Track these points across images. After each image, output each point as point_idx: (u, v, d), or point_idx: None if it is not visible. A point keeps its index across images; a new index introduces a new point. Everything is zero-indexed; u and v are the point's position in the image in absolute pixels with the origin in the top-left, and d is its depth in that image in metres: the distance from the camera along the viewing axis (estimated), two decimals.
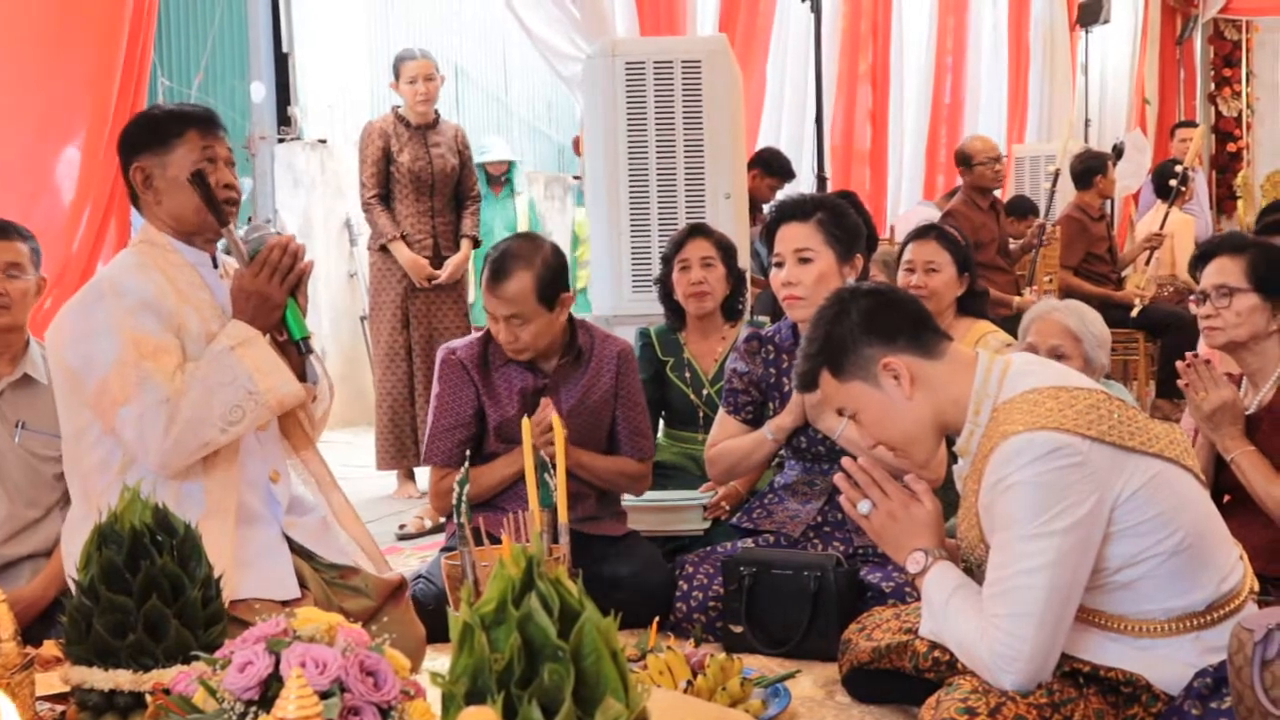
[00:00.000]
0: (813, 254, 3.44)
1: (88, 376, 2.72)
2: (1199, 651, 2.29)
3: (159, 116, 2.92)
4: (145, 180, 2.86)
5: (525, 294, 3.42)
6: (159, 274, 2.81)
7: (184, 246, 2.88)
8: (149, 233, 2.90)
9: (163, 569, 2.09)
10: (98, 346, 2.71)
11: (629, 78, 5.21)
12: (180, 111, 2.93)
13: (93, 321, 2.74)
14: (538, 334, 3.47)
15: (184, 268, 2.86)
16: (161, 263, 2.84)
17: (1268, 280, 3.12)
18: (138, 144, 2.88)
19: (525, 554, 1.39)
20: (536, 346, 3.50)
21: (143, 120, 2.96)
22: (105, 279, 2.83)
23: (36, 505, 3.20)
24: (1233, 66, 14.74)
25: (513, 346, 3.48)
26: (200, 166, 2.82)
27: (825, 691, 2.94)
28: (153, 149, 2.85)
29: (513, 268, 3.43)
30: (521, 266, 3.43)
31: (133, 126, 2.95)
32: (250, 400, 2.73)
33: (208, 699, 1.77)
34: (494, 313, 3.47)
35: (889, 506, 2.49)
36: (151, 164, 2.85)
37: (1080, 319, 3.56)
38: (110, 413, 2.70)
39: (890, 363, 2.41)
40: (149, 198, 2.87)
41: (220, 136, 2.90)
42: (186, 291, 2.83)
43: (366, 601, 2.87)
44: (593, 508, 3.60)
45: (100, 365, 2.70)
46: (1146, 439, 2.29)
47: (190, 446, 2.69)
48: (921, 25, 10.05)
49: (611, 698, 1.33)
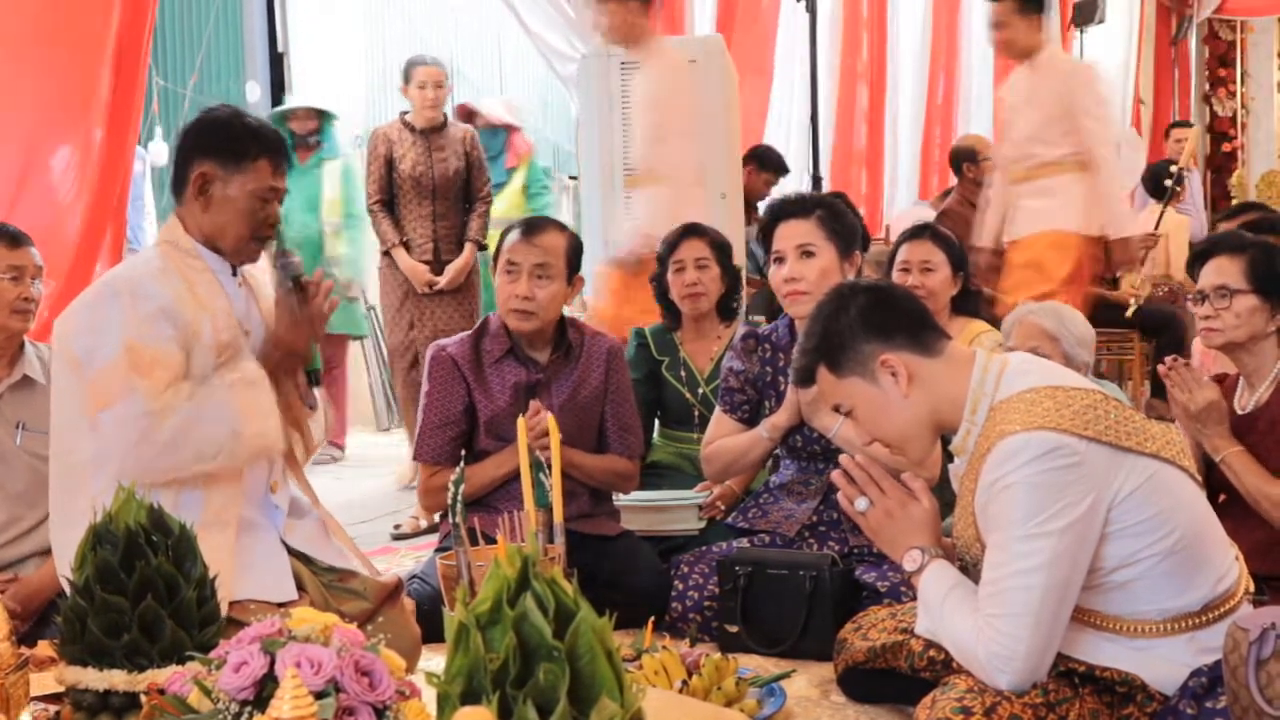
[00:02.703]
0: (815, 248, 3.44)
1: (86, 368, 2.72)
2: (1194, 652, 2.29)
3: (239, 130, 2.86)
4: (203, 185, 2.83)
5: (558, 249, 3.53)
6: (179, 279, 2.80)
7: (208, 253, 2.87)
8: (174, 233, 2.88)
9: (158, 569, 2.09)
10: (100, 343, 2.71)
11: (624, 77, 5.21)
12: (262, 134, 2.88)
13: (101, 317, 2.73)
14: (553, 298, 3.51)
15: (204, 273, 2.85)
16: (183, 267, 2.83)
17: (1267, 281, 3.12)
18: (209, 147, 2.84)
19: (520, 554, 1.39)
20: (546, 314, 3.52)
21: (221, 126, 2.88)
22: (125, 278, 2.81)
23: (38, 506, 3.19)
24: (1227, 66, 14.74)
25: (526, 306, 3.49)
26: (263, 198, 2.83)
27: (820, 691, 2.94)
28: (223, 159, 2.82)
29: (548, 224, 3.61)
30: (556, 226, 3.61)
31: (209, 127, 2.88)
32: (232, 440, 2.74)
33: (203, 699, 1.77)
34: (521, 262, 3.49)
35: (886, 504, 2.49)
36: (216, 172, 2.83)
37: (1057, 319, 3.56)
38: (92, 412, 2.70)
39: (888, 360, 2.41)
40: (197, 203, 2.84)
41: (285, 172, 2.89)
42: (205, 299, 2.82)
43: (364, 604, 2.88)
44: (586, 505, 3.60)
45: (98, 361, 2.70)
46: (1143, 439, 2.29)
47: (157, 467, 2.68)
48: (915, 25, 10.06)
49: (607, 698, 1.33)
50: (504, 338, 3.59)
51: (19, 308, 3.20)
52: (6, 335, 3.22)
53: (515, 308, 3.50)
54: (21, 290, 3.20)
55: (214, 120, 2.90)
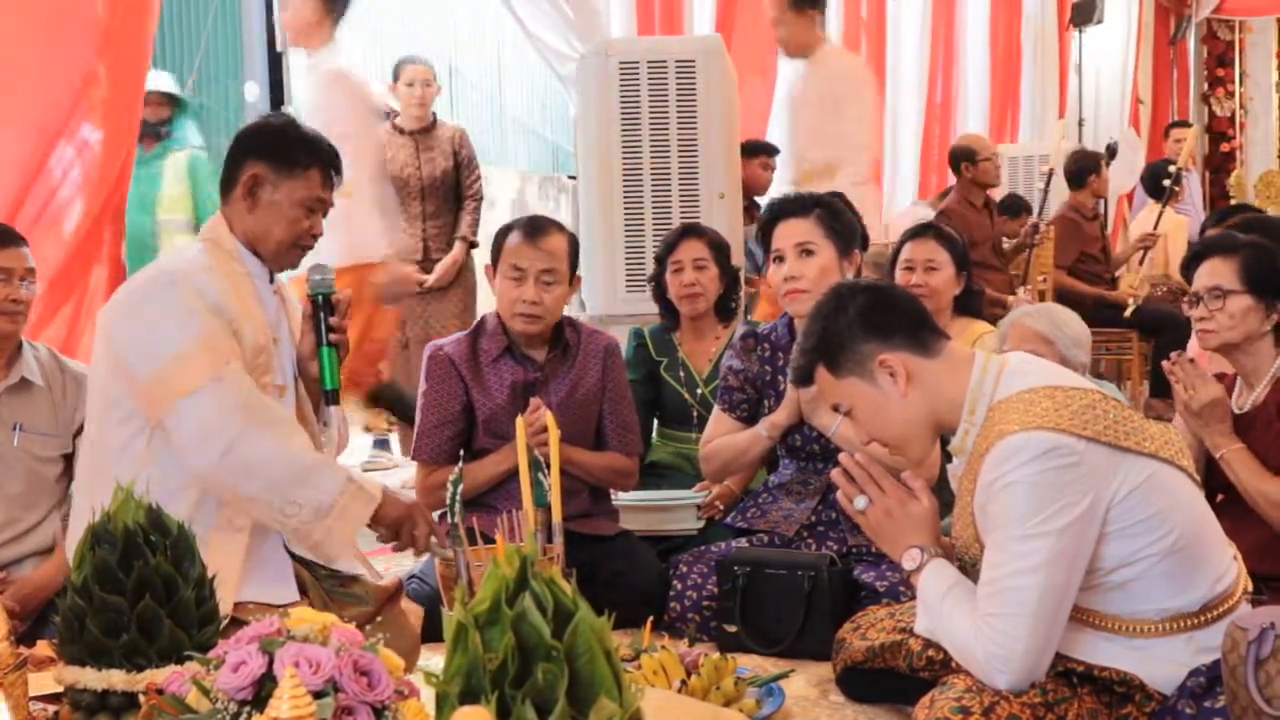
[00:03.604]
0: (815, 246, 3.44)
1: (140, 363, 2.68)
2: (1193, 652, 2.29)
3: (294, 137, 2.89)
4: (253, 186, 2.84)
5: (562, 252, 3.52)
6: (224, 278, 2.79)
7: (249, 256, 2.87)
8: (217, 232, 2.88)
9: (156, 569, 2.09)
10: (160, 335, 2.68)
11: (623, 77, 5.21)
12: (316, 145, 2.90)
13: (160, 309, 2.70)
14: (558, 301, 3.53)
15: (245, 278, 2.85)
16: (225, 268, 2.82)
17: (1260, 281, 3.12)
18: (263, 150, 2.85)
19: (519, 553, 1.39)
20: (552, 318, 3.53)
21: (277, 131, 2.92)
22: (176, 270, 2.79)
23: (36, 508, 3.20)
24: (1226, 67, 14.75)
25: (533, 310, 3.49)
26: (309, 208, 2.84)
27: (819, 691, 2.94)
28: (276, 162, 2.83)
29: (549, 226, 3.56)
30: (557, 227, 3.57)
31: (265, 130, 2.92)
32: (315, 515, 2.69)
33: (201, 699, 1.77)
34: (528, 267, 3.48)
35: (885, 503, 2.49)
36: (267, 175, 2.83)
37: (1051, 321, 3.55)
38: (165, 403, 2.66)
39: (887, 360, 2.41)
40: (244, 203, 2.85)
41: (334, 186, 2.90)
42: (246, 301, 2.82)
43: (367, 609, 2.88)
44: (585, 504, 3.60)
45: (168, 355, 2.66)
46: (1142, 439, 2.29)
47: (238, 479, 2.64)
48: (914, 25, 10.06)
49: (605, 697, 1.33)
50: (501, 336, 3.59)
51: (7, 309, 3.15)
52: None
53: (522, 312, 3.50)
54: (10, 291, 3.16)
55: (270, 125, 2.96)
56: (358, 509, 2.73)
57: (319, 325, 2.90)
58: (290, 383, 2.94)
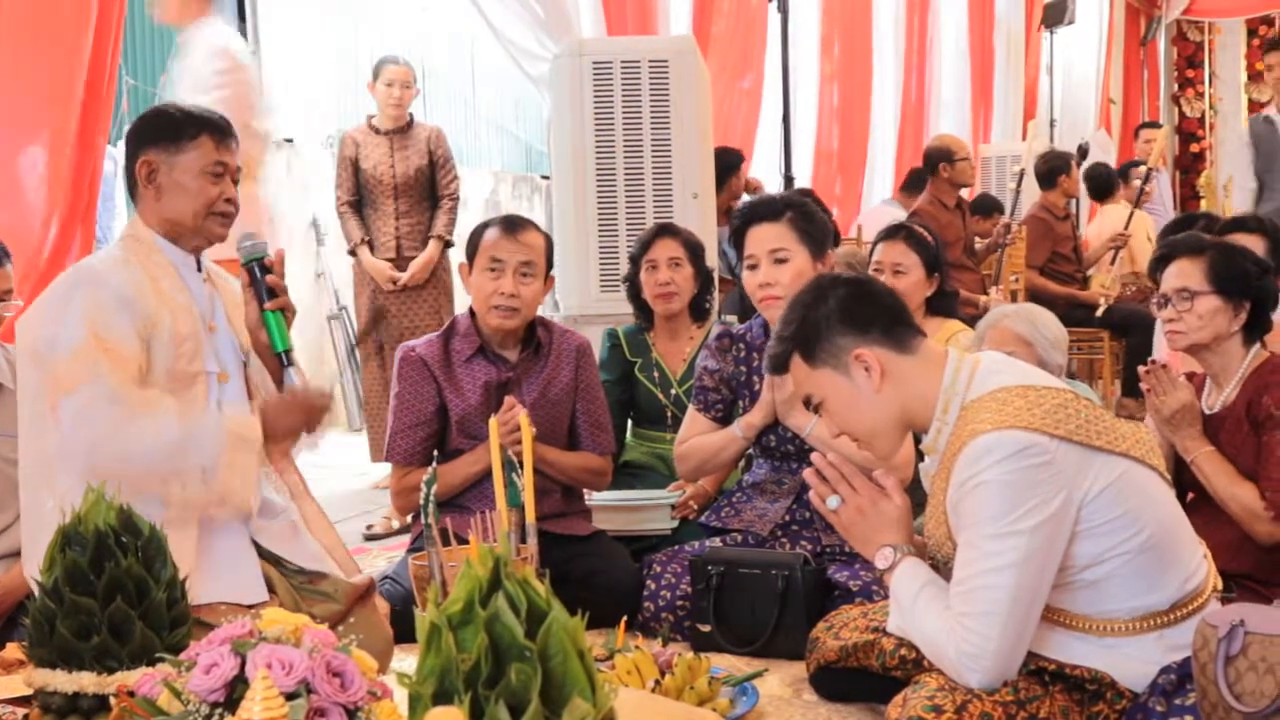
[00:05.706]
0: (788, 253, 3.45)
1: (48, 357, 2.69)
2: (1163, 650, 2.31)
3: (176, 115, 2.90)
4: (150, 174, 2.84)
5: (540, 247, 3.56)
6: (141, 272, 2.79)
7: (169, 246, 2.87)
8: (136, 228, 2.88)
9: (127, 571, 2.07)
10: (62, 330, 2.69)
11: (596, 77, 5.21)
12: (198, 115, 2.91)
13: (63, 307, 2.71)
14: (535, 295, 3.54)
15: (167, 267, 2.85)
16: (145, 260, 2.82)
17: (1227, 281, 3.14)
18: (149, 138, 2.86)
19: (492, 554, 1.38)
20: (528, 312, 3.55)
21: (158, 116, 2.93)
22: (86, 268, 2.81)
23: (7, 510, 3.17)
24: (1195, 68, 14.86)
25: (511, 302, 3.50)
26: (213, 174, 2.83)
27: (793, 690, 2.94)
28: (164, 145, 2.84)
29: (526, 222, 3.62)
30: (534, 226, 3.62)
31: (147, 120, 2.93)
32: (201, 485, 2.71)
33: (172, 701, 1.76)
34: (507, 259, 3.50)
35: (858, 502, 2.50)
36: (159, 159, 2.84)
37: (1030, 323, 3.56)
38: (53, 398, 2.67)
39: (862, 354, 2.41)
40: (149, 193, 2.85)
41: (232, 148, 2.89)
42: (167, 293, 2.81)
43: (335, 606, 2.86)
44: (558, 504, 3.60)
45: (60, 348, 2.68)
46: (1113, 438, 2.30)
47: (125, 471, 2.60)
48: (888, 25, 10.10)
49: (579, 698, 1.33)
50: (474, 336, 3.58)
51: None
52: None
53: (499, 304, 3.50)
54: None
55: (149, 113, 2.97)
56: (244, 458, 2.77)
57: (259, 291, 2.89)
58: (233, 369, 2.93)
